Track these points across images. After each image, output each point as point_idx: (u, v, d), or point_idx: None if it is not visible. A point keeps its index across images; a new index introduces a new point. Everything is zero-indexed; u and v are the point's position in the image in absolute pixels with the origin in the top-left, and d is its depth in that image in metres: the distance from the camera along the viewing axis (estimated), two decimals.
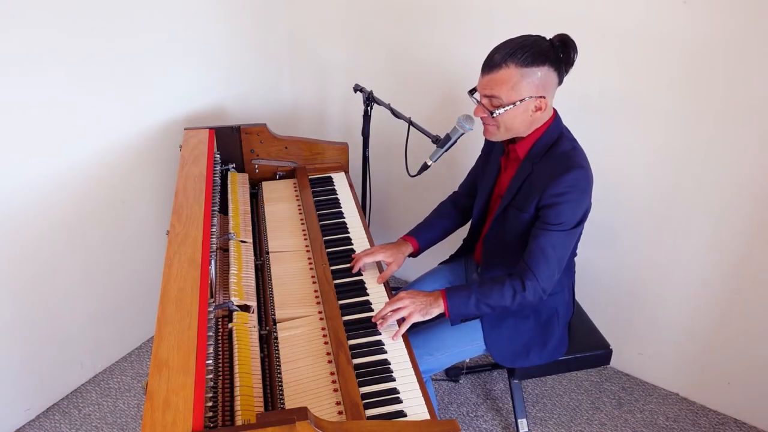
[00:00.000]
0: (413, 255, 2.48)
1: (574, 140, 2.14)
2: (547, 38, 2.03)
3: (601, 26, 2.58)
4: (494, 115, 2.04)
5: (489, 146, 2.43)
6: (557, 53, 2.00)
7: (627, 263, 2.94)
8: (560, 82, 2.06)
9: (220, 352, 1.84)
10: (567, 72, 2.06)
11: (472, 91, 2.15)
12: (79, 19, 2.54)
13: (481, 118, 2.11)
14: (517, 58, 1.96)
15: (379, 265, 2.39)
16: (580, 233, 2.20)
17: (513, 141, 2.20)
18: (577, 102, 2.72)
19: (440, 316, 2.15)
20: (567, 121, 2.19)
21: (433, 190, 3.45)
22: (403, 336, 2.05)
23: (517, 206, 2.15)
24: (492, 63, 2.00)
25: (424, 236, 2.50)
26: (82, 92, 2.65)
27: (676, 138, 2.60)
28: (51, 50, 2.49)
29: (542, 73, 1.98)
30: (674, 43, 2.47)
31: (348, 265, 2.36)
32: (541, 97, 2.01)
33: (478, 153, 2.49)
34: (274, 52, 3.53)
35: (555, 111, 2.15)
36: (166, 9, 2.86)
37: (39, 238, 2.69)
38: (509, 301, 2.09)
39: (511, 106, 2.00)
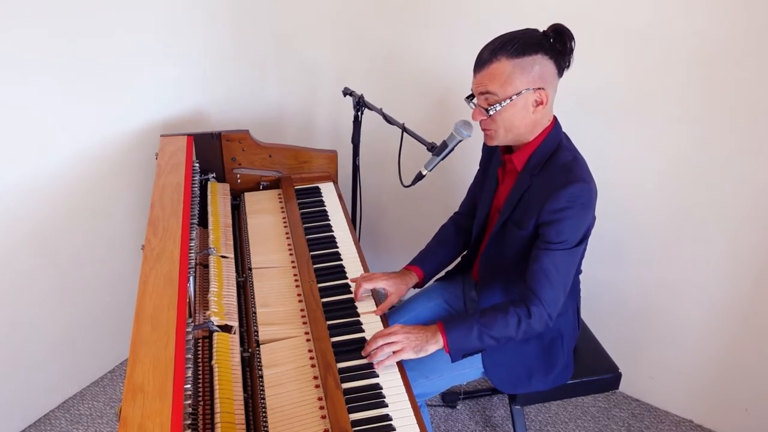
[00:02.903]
0: (418, 285, 2.47)
1: (575, 150, 2.14)
2: (539, 30, 2.05)
3: (607, 23, 2.60)
4: (490, 112, 2.04)
5: (487, 159, 2.43)
6: (551, 42, 2.02)
7: (636, 280, 2.95)
8: (560, 73, 2.06)
9: (200, 376, 1.84)
10: (567, 63, 2.06)
11: (469, 98, 2.15)
12: (44, 18, 2.55)
13: (480, 123, 2.11)
14: (507, 50, 1.98)
15: (375, 293, 2.37)
16: (584, 250, 2.20)
17: (510, 151, 2.21)
18: (580, 105, 2.74)
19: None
20: (567, 125, 2.19)
21: (428, 202, 3.46)
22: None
23: (515, 222, 2.15)
24: (482, 60, 2.03)
25: (428, 264, 2.49)
26: (50, 96, 2.65)
27: (690, 145, 2.61)
28: (16, 50, 2.49)
29: (537, 62, 1.99)
30: (687, 41, 2.47)
31: (338, 283, 2.36)
32: (539, 88, 2.01)
33: (478, 159, 2.49)
34: (258, 53, 3.54)
35: (555, 118, 2.15)
36: (140, 6, 2.87)
37: (3, 253, 2.69)
38: (514, 330, 2.07)
39: (508, 101, 2.01)
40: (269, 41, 3.57)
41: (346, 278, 2.40)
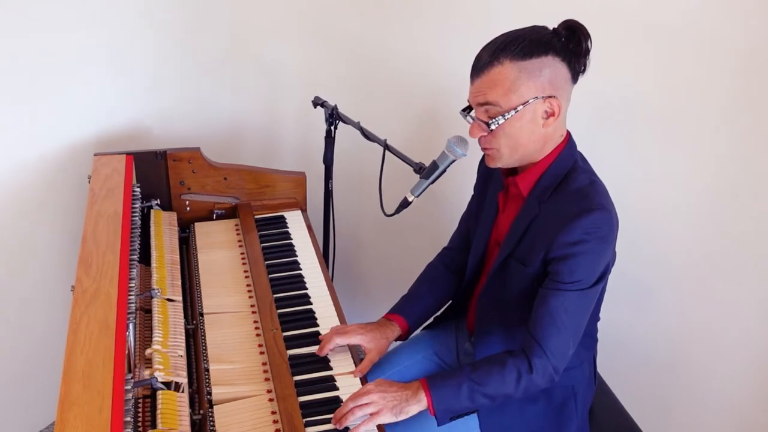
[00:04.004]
0: (401, 338, 2.44)
1: (592, 172, 2.13)
2: (549, 27, 2.04)
3: (631, 19, 2.58)
4: (491, 126, 2.02)
5: (483, 182, 2.42)
6: (563, 42, 2.01)
7: (663, 328, 2.94)
8: (575, 78, 2.06)
9: None
10: (582, 66, 2.05)
11: (465, 110, 2.15)
12: None
13: (479, 141, 2.10)
14: (511, 51, 1.96)
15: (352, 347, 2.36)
16: (603, 291, 2.20)
17: (513, 172, 2.20)
18: (597, 118, 2.74)
19: None
20: (582, 142, 2.19)
21: (415, 234, 3.47)
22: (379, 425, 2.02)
23: (519, 258, 2.14)
24: (480, 63, 2.01)
25: (412, 311, 2.45)
26: None
27: (733, 166, 2.57)
28: None
29: (547, 66, 1.98)
30: (731, 39, 2.44)
31: (307, 331, 2.37)
32: (550, 97, 2.00)
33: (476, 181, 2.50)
34: (210, 55, 3.54)
35: (568, 134, 2.15)
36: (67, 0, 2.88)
37: None
38: (512, 387, 2.05)
39: (513, 112, 1.99)
40: (224, 41, 3.57)
41: (317, 326, 2.41)
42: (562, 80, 2.01)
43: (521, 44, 1.96)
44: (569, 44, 2.01)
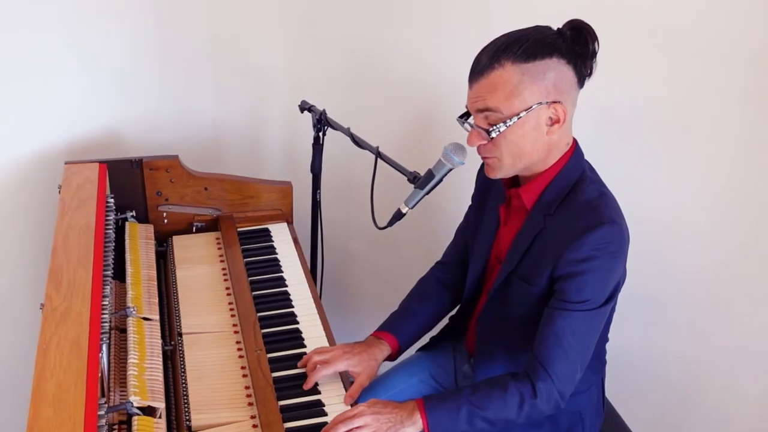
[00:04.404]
0: (391, 358, 2.42)
1: (602, 183, 2.14)
2: (553, 28, 2.04)
3: (640, 18, 2.59)
4: (492, 134, 2.01)
5: (482, 192, 2.41)
6: (568, 42, 2.00)
7: (677, 349, 2.94)
8: (581, 83, 2.05)
9: None
10: (589, 70, 2.05)
11: (463, 116, 2.14)
12: None
13: (478, 150, 2.09)
14: (513, 53, 1.96)
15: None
16: (612, 311, 2.19)
17: (516, 183, 2.19)
18: (605, 125, 2.75)
19: None
20: (589, 151, 2.19)
21: (410, 248, 3.47)
22: None
23: (523, 276, 2.14)
24: (480, 66, 2.01)
25: (404, 329, 2.44)
26: None
27: (749, 174, 2.58)
28: None
29: (552, 69, 1.97)
30: (744, 42, 2.44)
31: (293, 353, 2.37)
32: (555, 102, 1.99)
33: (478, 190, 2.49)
34: (190, 57, 3.53)
35: (575, 142, 2.14)
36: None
37: None
38: (514, 412, 2.05)
39: (515, 119, 1.98)
40: (205, 43, 3.56)
41: (304, 346, 2.41)
42: (568, 84, 2.01)
43: (524, 45, 1.95)
44: (575, 46, 2.01)
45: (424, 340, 2.64)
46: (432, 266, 2.63)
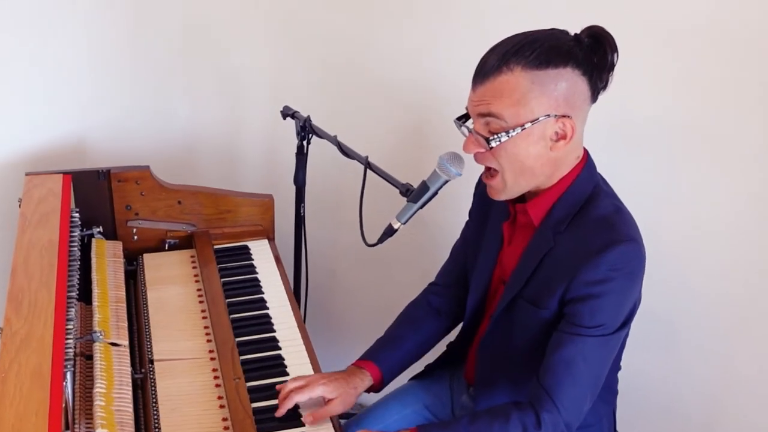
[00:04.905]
0: (374, 389, 2.41)
1: (616, 197, 2.13)
2: (570, 33, 2.01)
3: (651, 21, 2.59)
4: (491, 144, 1.99)
5: (482, 208, 2.39)
6: (586, 52, 1.98)
7: (696, 378, 2.93)
8: (594, 96, 2.03)
9: None
10: (605, 82, 2.03)
11: (461, 119, 2.12)
12: None
13: (475, 157, 2.08)
14: (525, 57, 1.92)
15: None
16: (626, 336, 2.18)
17: (521, 197, 2.17)
18: (618, 136, 2.76)
19: None
20: (599, 163, 2.19)
21: (402, 267, 3.47)
22: None
23: (530, 298, 2.12)
24: (487, 67, 1.97)
25: (388, 358, 2.42)
26: None
27: None
28: None
29: (565, 80, 1.94)
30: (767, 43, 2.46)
31: (274, 381, 2.36)
32: (564, 116, 1.96)
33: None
34: (161, 59, 3.54)
35: (586, 153, 2.13)
36: None
37: None
38: None
39: (519, 129, 1.95)
40: (178, 44, 3.57)
41: (287, 374, 2.40)
42: (580, 98, 1.99)
43: (537, 50, 1.93)
44: (592, 56, 1.99)
45: (419, 367, 2.64)
46: (424, 288, 2.63)
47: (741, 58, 2.52)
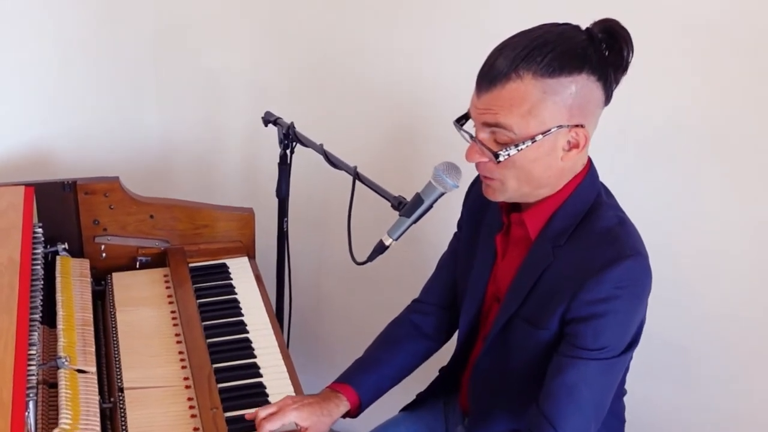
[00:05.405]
0: (351, 414, 2.40)
1: (619, 208, 2.12)
2: (583, 28, 1.98)
3: (667, 14, 2.58)
4: (500, 158, 1.96)
5: (473, 219, 2.38)
6: (601, 52, 1.95)
7: (711, 407, 2.92)
8: (608, 99, 2.02)
9: None
10: (617, 82, 2.01)
11: (461, 120, 2.09)
12: None
13: (477, 166, 2.06)
14: (536, 63, 1.88)
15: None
16: (630, 359, 2.19)
17: (517, 207, 2.17)
18: (627, 142, 2.76)
19: None
20: (605, 174, 2.19)
21: (394, 287, 3.47)
22: None
23: (527, 318, 2.12)
24: (494, 72, 1.93)
25: (366, 382, 2.41)
26: None
27: None
28: None
29: (579, 87, 1.92)
30: None
31: (253, 411, 2.34)
32: (577, 126, 1.95)
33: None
34: (132, 60, 3.54)
35: (589, 161, 2.12)
36: None
37: None
38: None
39: (529, 142, 1.93)
40: (149, 44, 3.57)
41: (268, 402, 2.39)
42: (594, 105, 1.98)
43: (549, 55, 1.89)
44: (608, 55, 1.97)
45: (410, 396, 2.64)
46: (407, 305, 2.63)
47: (765, 56, 2.49)
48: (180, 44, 3.56)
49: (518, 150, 1.94)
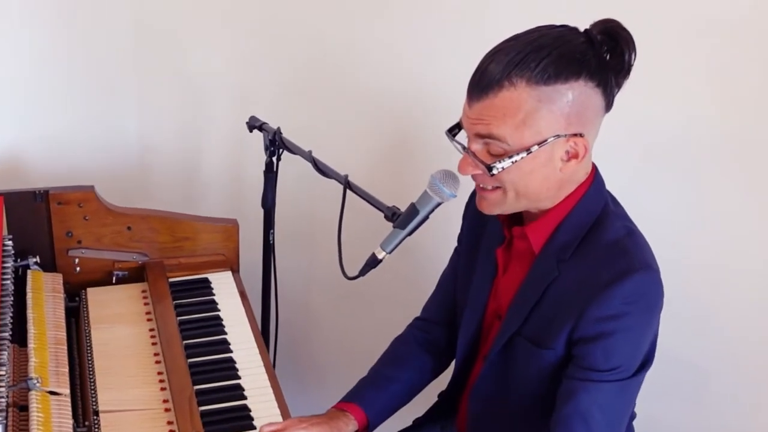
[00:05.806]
0: None
1: (627, 218, 2.12)
2: (581, 30, 1.97)
3: (678, 15, 2.59)
4: (494, 171, 1.95)
5: (474, 233, 2.38)
6: (600, 55, 1.94)
7: (722, 425, 2.95)
8: (609, 106, 2.01)
9: None
10: (619, 86, 2.00)
11: (453, 131, 2.09)
12: None
13: (473, 176, 2.06)
14: (530, 70, 1.87)
15: None
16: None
17: (519, 220, 2.17)
18: (637, 150, 2.77)
19: None
20: (615, 185, 2.19)
21: (385, 304, 3.48)
22: None
23: (531, 337, 2.11)
24: (485, 81, 1.92)
25: (374, 400, 2.40)
26: None
27: None
28: None
29: (576, 94, 1.90)
30: None
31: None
32: (576, 135, 1.94)
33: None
34: (108, 63, 3.54)
35: (595, 168, 2.12)
36: None
37: None
38: None
39: (524, 153, 1.92)
40: (128, 44, 3.57)
41: (253, 428, 2.40)
42: (593, 112, 1.97)
43: (544, 60, 1.88)
44: (609, 58, 1.96)
45: (407, 419, 2.64)
46: (410, 323, 2.63)
47: None
48: (159, 47, 3.56)
49: (512, 162, 1.94)
